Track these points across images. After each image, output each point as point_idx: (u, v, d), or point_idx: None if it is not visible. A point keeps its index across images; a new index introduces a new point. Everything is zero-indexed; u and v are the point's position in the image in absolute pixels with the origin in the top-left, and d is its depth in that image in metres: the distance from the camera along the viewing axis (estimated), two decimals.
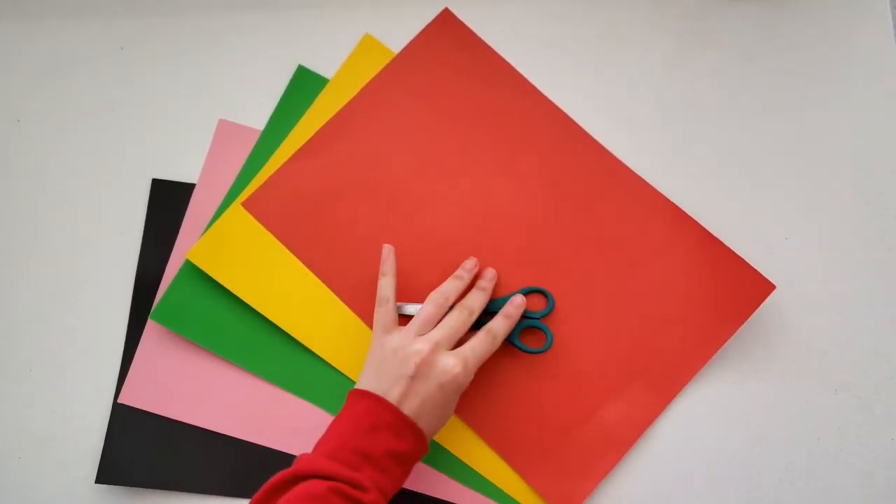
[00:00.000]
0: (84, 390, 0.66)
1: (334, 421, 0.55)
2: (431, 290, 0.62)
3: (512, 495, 0.63)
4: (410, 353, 0.56)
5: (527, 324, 0.65)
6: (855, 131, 0.70)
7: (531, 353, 0.64)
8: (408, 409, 0.54)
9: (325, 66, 0.71)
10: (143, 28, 0.72)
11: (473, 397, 0.64)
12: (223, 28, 0.72)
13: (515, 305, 0.62)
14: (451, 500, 0.63)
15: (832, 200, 0.69)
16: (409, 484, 0.63)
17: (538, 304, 0.66)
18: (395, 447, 0.52)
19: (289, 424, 0.64)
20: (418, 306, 0.62)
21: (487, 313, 0.65)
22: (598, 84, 0.71)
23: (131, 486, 0.64)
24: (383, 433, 0.53)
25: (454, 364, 0.56)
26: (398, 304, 0.64)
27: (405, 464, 0.54)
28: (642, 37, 0.72)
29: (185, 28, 0.72)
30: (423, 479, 0.63)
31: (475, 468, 0.64)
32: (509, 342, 0.64)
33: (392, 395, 0.54)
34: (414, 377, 0.55)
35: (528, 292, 0.65)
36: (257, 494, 0.50)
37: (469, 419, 0.64)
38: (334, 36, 0.71)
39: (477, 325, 0.64)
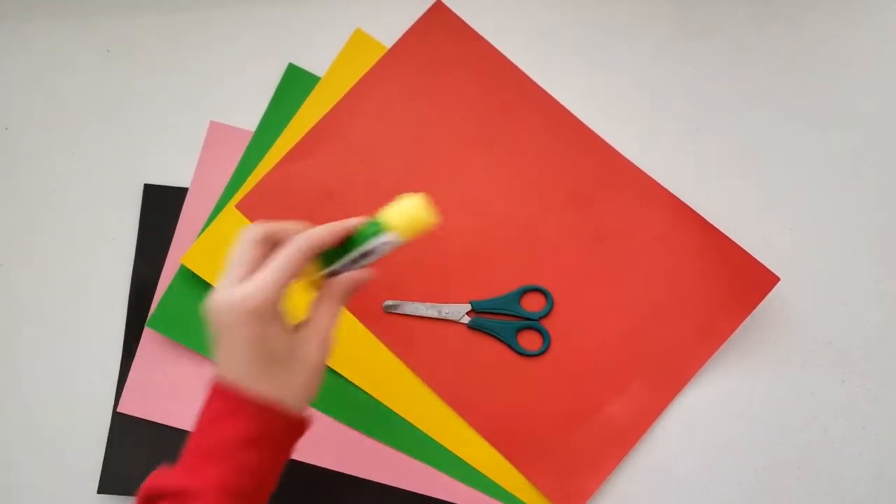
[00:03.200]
0: (83, 400, 0.66)
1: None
2: (427, 287, 0.61)
3: (516, 495, 0.63)
4: (205, 313, 0.46)
5: (525, 325, 0.64)
6: (856, 118, 0.69)
7: (528, 355, 0.64)
8: (231, 376, 0.45)
9: (316, 64, 0.70)
10: (130, 30, 0.71)
11: (475, 397, 0.63)
12: (211, 28, 0.71)
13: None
14: (456, 502, 0.63)
15: (835, 189, 0.68)
16: (413, 485, 0.63)
17: (537, 303, 0.65)
18: (237, 432, 0.44)
19: None
20: (416, 304, 0.61)
21: (488, 312, 0.64)
22: (592, 74, 0.70)
23: (133, 495, 0.64)
24: (222, 420, 0.45)
25: (231, 299, 0.43)
26: (397, 302, 0.64)
27: (263, 445, 0.45)
28: (635, 26, 0.71)
29: (172, 29, 0.71)
30: (426, 479, 0.63)
31: (479, 468, 0.63)
32: (507, 344, 0.63)
33: (218, 369, 0.46)
34: (217, 335, 0.45)
35: (526, 291, 0.65)
36: None
37: (472, 419, 0.63)
38: (324, 32, 0.70)
39: (482, 327, 0.64)
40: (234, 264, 0.45)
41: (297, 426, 0.47)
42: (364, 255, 0.49)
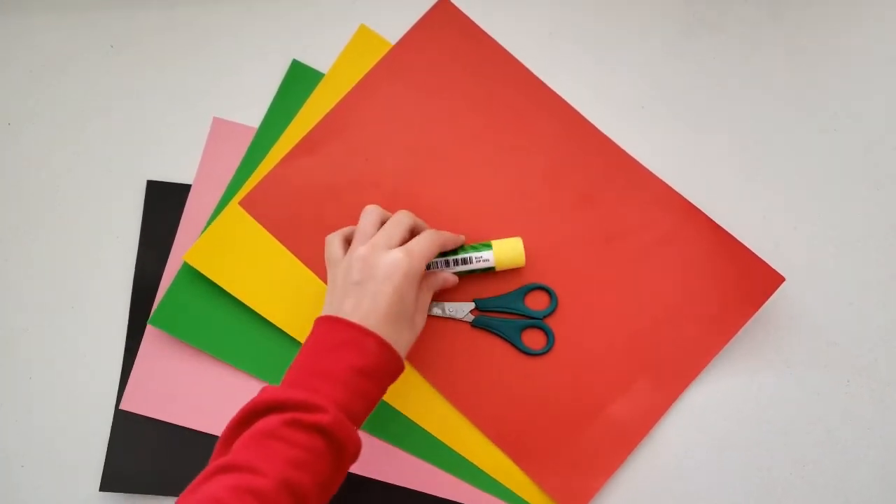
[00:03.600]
0: (85, 398, 0.65)
1: (299, 351, 0.53)
2: None
3: (520, 495, 0.63)
4: (353, 261, 0.55)
5: (529, 324, 0.64)
6: (865, 117, 0.68)
7: (532, 354, 0.63)
8: (361, 317, 0.52)
9: (320, 60, 0.69)
10: (133, 25, 0.71)
11: (479, 396, 0.63)
12: (215, 23, 0.71)
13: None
14: (460, 501, 0.63)
15: (842, 189, 0.67)
16: (415, 483, 0.63)
17: (541, 302, 0.64)
18: (355, 362, 0.50)
19: None
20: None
21: (492, 310, 0.64)
22: (599, 72, 0.69)
23: (135, 492, 0.64)
24: (343, 350, 0.51)
25: (397, 256, 0.54)
26: None
27: (372, 377, 0.51)
28: (644, 22, 0.70)
29: (175, 24, 0.71)
30: (431, 479, 0.63)
31: (483, 468, 0.63)
32: (511, 343, 0.63)
33: (344, 310, 0.53)
34: (360, 282, 0.53)
35: (530, 289, 0.64)
36: (225, 431, 0.49)
37: (475, 418, 0.63)
38: (329, 28, 0.70)
39: (486, 326, 0.64)
40: (387, 235, 0.56)
41: (399, 368, 0.54)
42: (460, 262, 0.62)
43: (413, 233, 0.59)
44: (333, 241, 0.59)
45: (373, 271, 0.53)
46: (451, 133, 0.67)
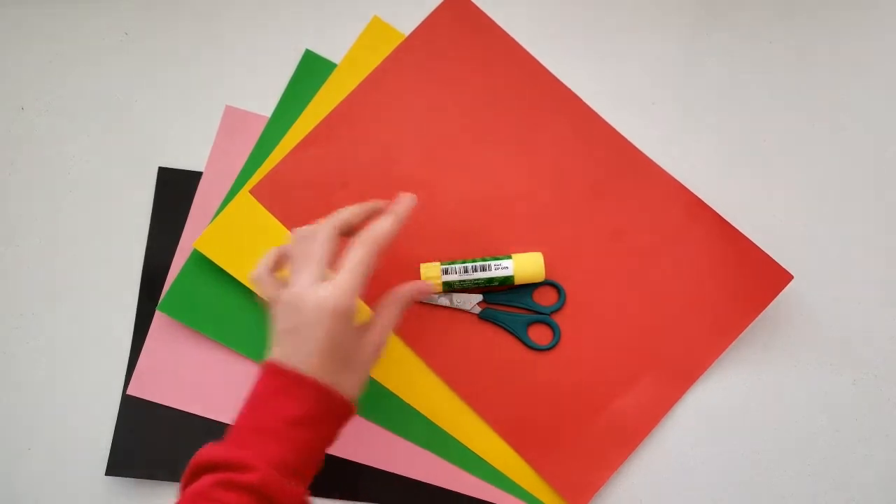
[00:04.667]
0: (93, 382, 0.66)
1: (244, 400, 0.51)
2: None
3: (524, 487, 0.63)
4: (280, 308, 0.50)
5: (536, 319, 0.64)
6: (876, 113, 0.68)
7: (538, 349, 0.63)
8: (299, 361, 0.48)
9: (332, 51, 0.69)
10: (148, 13, 0.71)
11: (484, 387, 0.63)
12: (229, 12, 0.71)
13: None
14: (465, 493, 0.63)
15: (852, 186, 0.67)
16: (422, 474, 0.63)
17: (549, 298, 0.65)
18: (291, 412, 0.48)
19: None
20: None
21: (499, 304, 0.64)
22: (611, 67, 0.69)
23: (141, 477, 0.64)
24: (280, 399, 0.48)
25: (322, 296, 0.48)
26: None
27: (312, 426, 0.48)
28: (657, 18, 0.70)
29: (189, 12, 0.71)
30: (433, 468, 0.63)
31: (486, 459, 0.63)
32: (517, 338, 0.63)
33: (285, 354, 0.49)
34: (293, 329, 0.49)
35: (538, 285, 0.64)
36: (182, 480, 0.48)
37: (480, 409, 0.63)
38: (342, 19, 0.70)
39: (493, 319, 0.64)
40: (315, 262, 0.50)
41: (347, 412, 0.51)
42: (479, 269, 0.62)
43: (360, 225, 0.53)
44: (260, 281, 0.53)
45: (302, 317, 0.49)
46: (461, 125, 0.67)
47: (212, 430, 0.64)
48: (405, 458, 0.63)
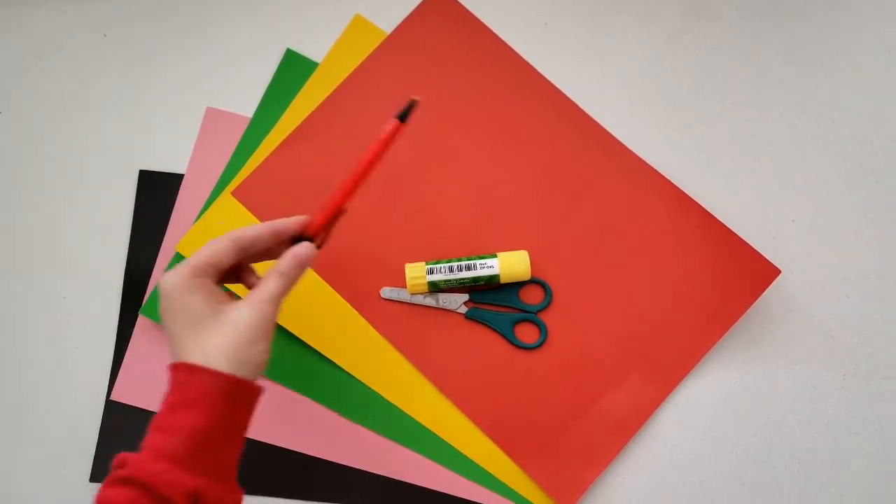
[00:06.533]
0: (76, 388, 0.65)
1: None
2: None
3: (512, 487, 0.62)
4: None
5: (522, 317, 0.63)
6: (863, 108, 0.68)
7: (525, 348, 0.63)
8: (170, 347, 0.49)
9: (314, 49, 0.69)
10: (127, 13, 0.70)
11: (471, 387, 0.63)
12: (209, 12, 0.70)
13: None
14: (453, 493, 0.63)
15: (840, 180, 0.67)
16: (408, 475, 0.63)
17: (536, 296, 0.64)
18: (166, 399, 0.48)
19: (282, 418, 0.63)
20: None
21: (485, 303, 0.64)
22: (595, 62, 0.69)
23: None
24: (168, 394, 0.48)
25: (162, 278, 0.49)
26: (394, 289, 0.64)
27: (188, 407, 0.47)
28: (642, 12, 0.70)
29: (169, 12, 0.70)
30: (423, 472, 0.63)
31: (473, 458, 0.63)
32: (504, 337, 0.63)
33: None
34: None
35: (524, 283, 0.64)
36: None
37: (467, 409, 0.63)
38: (323, 17, 0.69)
39: (479, 318, 0.63)
40: (184, 262, 0.50)
41: (222, 383, 0.47)
42: (465, 268, 0.62)
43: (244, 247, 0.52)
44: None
45: (163, 304, 0.50)
46: (446, 123, 0.67)
47: None
48: (390, 458, 0.63)
